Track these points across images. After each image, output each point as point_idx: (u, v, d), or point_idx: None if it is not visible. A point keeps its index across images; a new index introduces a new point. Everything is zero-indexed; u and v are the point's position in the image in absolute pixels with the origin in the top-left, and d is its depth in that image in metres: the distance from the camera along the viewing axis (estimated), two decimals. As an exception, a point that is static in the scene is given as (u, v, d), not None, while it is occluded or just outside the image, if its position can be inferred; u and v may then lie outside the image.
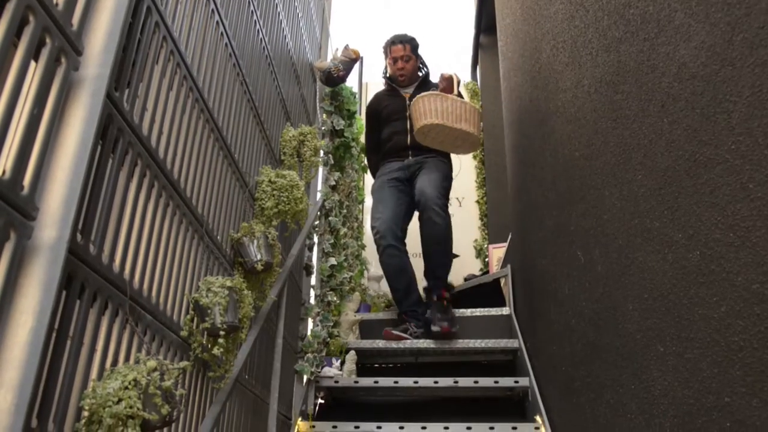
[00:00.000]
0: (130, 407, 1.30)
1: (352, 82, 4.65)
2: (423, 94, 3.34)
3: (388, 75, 4.20)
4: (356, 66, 4.45)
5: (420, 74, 4.18)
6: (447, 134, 3.25)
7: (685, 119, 1.36)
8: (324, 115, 4.38)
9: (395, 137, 3.99)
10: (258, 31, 2.92)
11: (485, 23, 6.56)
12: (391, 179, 3.88)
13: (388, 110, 4.07)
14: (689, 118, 1.34)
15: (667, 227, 1.47)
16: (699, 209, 1.31)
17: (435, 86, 3.89)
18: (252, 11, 2.81)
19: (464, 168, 6.47)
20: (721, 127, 1.21)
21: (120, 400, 1.30)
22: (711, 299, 1.26)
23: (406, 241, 3.85)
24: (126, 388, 1.33)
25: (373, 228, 3.70)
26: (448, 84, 3.58)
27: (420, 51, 4.20)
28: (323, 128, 4.29)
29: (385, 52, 4.15)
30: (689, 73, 1.34)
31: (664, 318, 1.48)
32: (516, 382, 3.18)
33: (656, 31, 1.50)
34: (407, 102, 3.97)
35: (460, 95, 3.58)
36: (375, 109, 4.20)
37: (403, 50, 4.06)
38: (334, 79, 4.25)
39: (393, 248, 3.64)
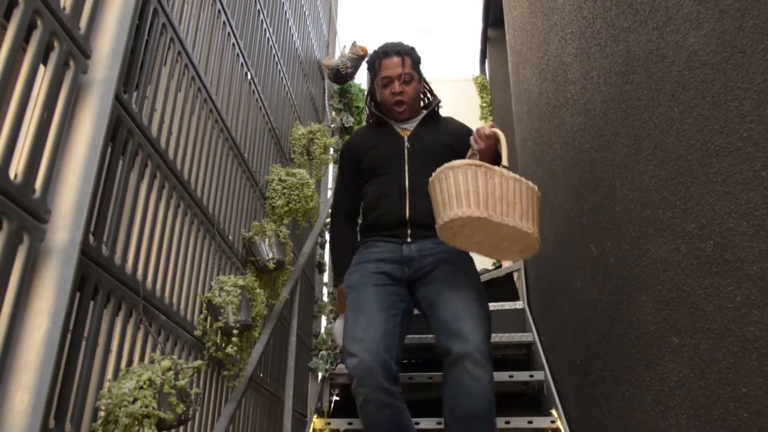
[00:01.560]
0: (146, 407, 1.31)
1: (360, 78, 4.65)
2: (453, 164, 1.88)
3: (375, 103, 2.54)
4: (364, 62, 4.44)
5: (423, 103, 2.55)
6: (490, 232, 1.89)
7: (696, 108, 1.35)
8: (333, 113, 4.39)
9: (385, 203, 2.31)
10: (265, 30, 2.92)
11: (493, 17, 6.53)
12: (377, 272, 2.21)
13: (376, 157, 2.40)
14: (700, 106, 1.33)
15: (679, 217, 1.45)
16: (712, 199, 1.30)
17: (449, 124, 2.51)
18: (258, 10, 2.82)
19: (475, 162, 6.44)
20: (732, 115, 1.20)
21: (135, 400, 1.31)
22: (726, 289, 1.25)
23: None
24: (141, 387, 1.34)
25: (347, 357, 2.03)
26: (488, 145, 2.10)
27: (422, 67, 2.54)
28: (332, 125, 4.30)
29: (372, 70, 2.49)
30: (699, 61, 1.32)
31: (678, 309, 1.47)
32: (531, 376, 3.16)
33: (665, 19, 1.49)
34: (405, 144, 2.37)
35: (506, 167, 1.93)
36: (353, 153, 2.47)
37: (401, 66, 2.40)
38: (342, 76, 4.26)
39: (384, 394, 1.98)
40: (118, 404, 1.31)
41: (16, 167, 1.15)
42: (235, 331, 1.95)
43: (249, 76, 2.62)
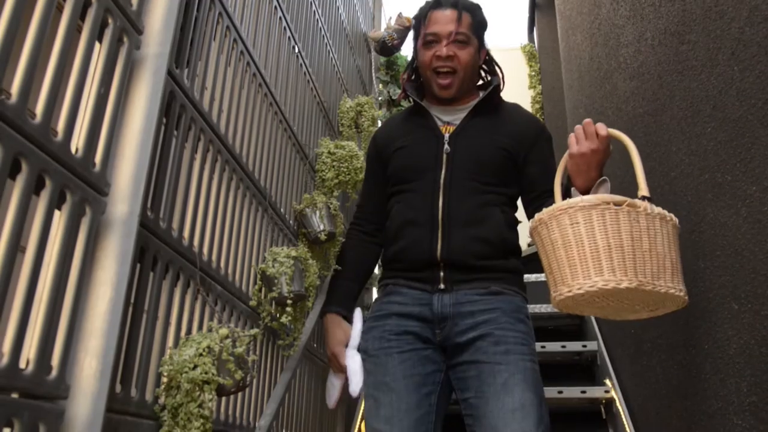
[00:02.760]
0: (206, 373, 1.35)
1: (407, 50, 4.62)
2: (582, 201, 1.32)
3: (416, 75, 1.87)
4: (410, 34, 4.41)
5: (481, 82, 1.88)
6: (627, 298, 1.38)
7: (758, 65, 1.29)
8: (380, 85, 4.38)
9: (410, 233, 1.71)
10: (311, 3, 2.92)
11: (541, -18, 6.38)
12: (401, 333, 1.67)
13: (403, 163, 1.80)
14: (762, 64, 1.28)
15: (740, 180, 1.41)
16: (774, 159, 1.25)
17: (513, 116, 1.81)
18: (304, -17, 2.82)
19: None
20: (797, 71, 1.15)
21: (196, 366, 1.36)
22: (789, 252, 1.21)
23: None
24: (201, 354, 1.38)
25: None
26: (598, 150, 1.46)
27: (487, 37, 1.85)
28: (380, 98, 4.29)
29: (417, 28, 1.82)
30: (762, 16, 1.27)
31: (737, 274, 1.44)
32: (584, 346, 3.14)
33: (724, -26, 1.43)
34: (445, 146, 1.73)
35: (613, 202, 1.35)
36: (378, 151, 1.89)
37: (456, 22, 1.71)
38: (388, 48, 4.24)
39: None
40: (179, 370, 1.35)
41: (77, 142, 1.19)
42: (289, 301, 1.98)
43: (296, 50, 2.63)
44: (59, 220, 1.14)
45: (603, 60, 2.72)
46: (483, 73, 1.86)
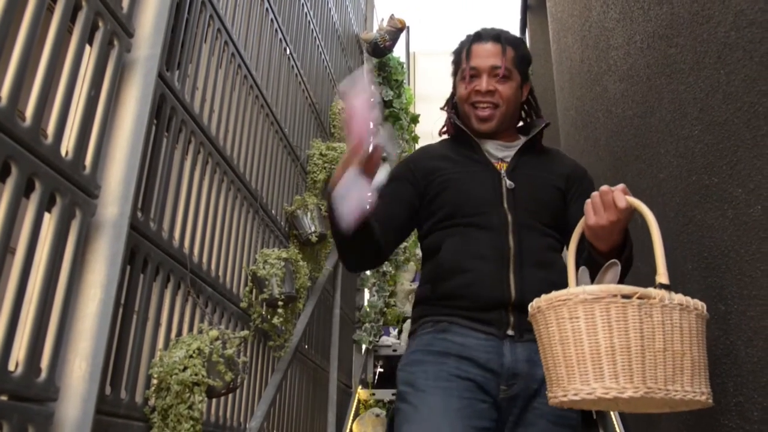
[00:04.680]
0: (196, 374, 1.35)
1: (399, 52, 4.62)
2: (583, 292, 1.11)
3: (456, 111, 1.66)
4: (402, 35, 4.43)
5: (521, 124, 1.73)
6: (642, 403, 1.16)
7: (743, 69, 1.31)
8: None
9: (476, 268, 1.45)
10: (303, 5, 2.93)
11: (533, -16, 6.40)
12: (462, 377, 1.39)
13: (458, 194, 1.55)
14: (747, 67, 1.29)
15: (726, 183, 1.42)
16: (760, 162, 1.26)
17: (557, 159, 1.67)
18: (296, -15, 2.82)
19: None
20: (781, 75, 1.16)
21: (186, 368, 1.36)
22: (773, 254, 1.22)
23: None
24: (191, 356, 1.38)
25: None
26: (617, 220, 1.30)
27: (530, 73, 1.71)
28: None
29: (459, 60, 1.64)
30: (747, 21, 1.28)
31: (724, 276, 1.45)
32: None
33: (711, -22, 1.44)
34: (505, 181, 1.54)
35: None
36: (418, 176, 1.59)
37: (499, 56, 1.58)
38: (380, 49, 4.25)
39: None
40: (169, 372, 1.36)
41: (67, 144, 1.19)
42: (279, 303, 1.99)
43: (288, 52, 2.63)
44: (49, 222, 1.14)
45: (593, 62, 2.74)
46: (524, 114, 1.72)
